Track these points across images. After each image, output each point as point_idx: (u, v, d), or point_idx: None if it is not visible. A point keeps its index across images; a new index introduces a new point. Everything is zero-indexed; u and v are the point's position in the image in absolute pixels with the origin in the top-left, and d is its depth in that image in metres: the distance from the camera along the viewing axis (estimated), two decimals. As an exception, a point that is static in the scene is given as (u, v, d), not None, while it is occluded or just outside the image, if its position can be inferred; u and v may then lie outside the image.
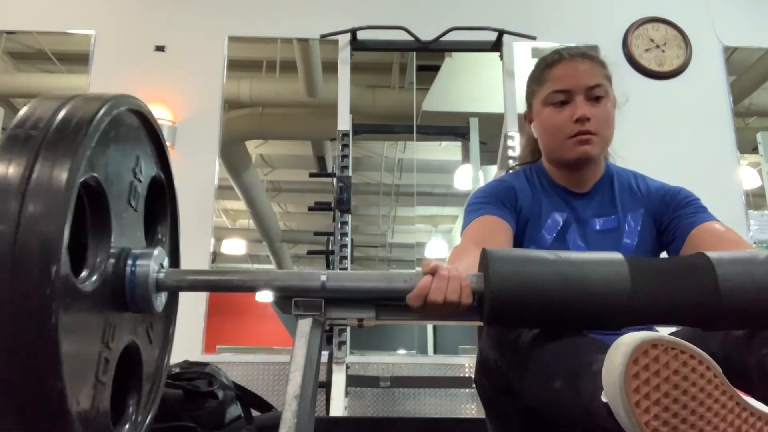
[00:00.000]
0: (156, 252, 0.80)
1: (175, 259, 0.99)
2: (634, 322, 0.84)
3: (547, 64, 1.38)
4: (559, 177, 1.39)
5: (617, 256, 0.83)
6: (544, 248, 1.32)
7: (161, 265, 0.81)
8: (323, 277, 0.79)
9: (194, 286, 0.82)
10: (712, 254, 0.83)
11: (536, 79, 1.39)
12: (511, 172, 1.48)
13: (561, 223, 1.34)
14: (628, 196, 1.38)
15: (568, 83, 1.33)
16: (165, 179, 0.94)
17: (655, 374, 0.72)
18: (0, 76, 4.21)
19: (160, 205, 0.93)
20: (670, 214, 1.34)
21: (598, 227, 1.34)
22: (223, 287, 0.82)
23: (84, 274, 0.71)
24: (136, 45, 3.78)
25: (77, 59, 3.93)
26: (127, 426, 0.84)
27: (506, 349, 1.04)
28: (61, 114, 0.66)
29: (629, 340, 0.73)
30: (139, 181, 0.84)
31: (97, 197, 0.73)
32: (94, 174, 0.70)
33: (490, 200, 1.36)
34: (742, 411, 0.74)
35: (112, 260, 0.75)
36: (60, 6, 3.90)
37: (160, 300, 0.83)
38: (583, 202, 1.37)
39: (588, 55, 1.38)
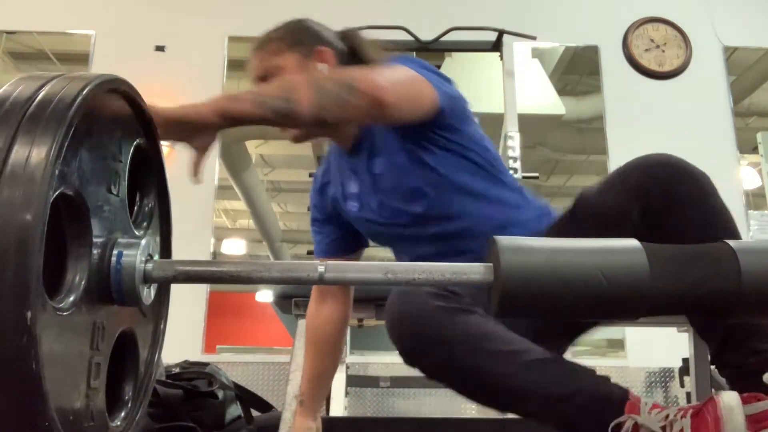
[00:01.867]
0: (144, 242, 0.77)
1: (166, 248, 0.95)
2: (651, 312, 0.83)
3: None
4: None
5: (634, 243, 0.81)
6: (353, 218, 1.36)
7: (150, 256, 0.78)
8: (321, 268, 0.76)
9: (185, 278, 0.76)
10: (734, 242, 0.81)
11: None
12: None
13: (356, 191, 1.32)
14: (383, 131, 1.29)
15: (253, 83, 1.32)
16: (150, 149, 0.88)
17: None
18: (0, 76, 4.21)
19: (146, 181, 0.88)
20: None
21: (376, 171, 1.28)
22: (217, 278, 0.77)
23: (62, 294, 0.67)
24: (136, 45, 3.78)
25: (77, 59, 3.92)
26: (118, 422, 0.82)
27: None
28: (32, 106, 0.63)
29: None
30: (120, 161, 0.79)
31: (74, 207, 0.69)
32: (69, 186, 0.67)
33: (315, 225, 1.43)
34: None
35: (95, 259, 0.71)
36: (60, 6, 3.90)
37: (149, 293, 0.79)
38: (353, 160, 1.31)
39: (258, 45, 1.34)
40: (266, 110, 0.98)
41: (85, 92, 0.67)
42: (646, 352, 3.29)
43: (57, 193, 0.64)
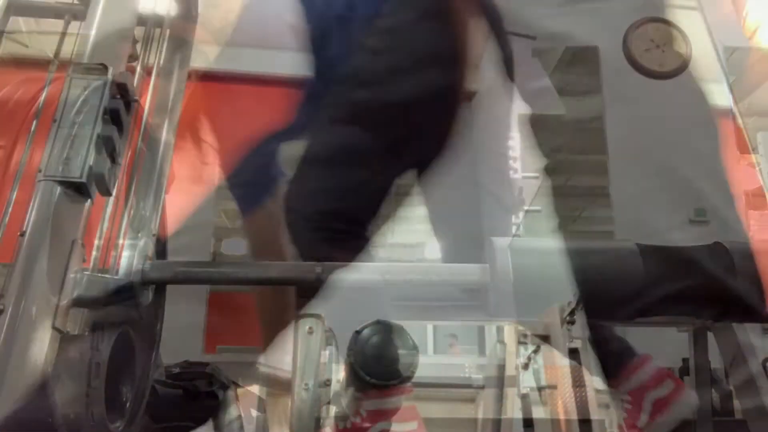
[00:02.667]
0: (142, 243, 0.78)
1: (162, 249, 0.96)
2: (646, 312, 0.84)
3: None
4: None
5: (630, 245, 0.82)
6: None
7: (148, 257, 0.79)
8: (318, 269, 0.77)
9: (183, 279, 0.78)
10: (728, 243, 0.82)
11: None
12: None
13: None
14: None
15: None
16: (147, 150, 0.90)
17: None
18: None
19: (143, 182, 0.90)
20: None
21: None
22: (214, 279, 0.79)
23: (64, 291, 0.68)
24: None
25: (77, 60, 3.92)
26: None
27: None
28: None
29: None
30: (119, 162, 0.81)
31: (75, 206, 0.70)
32: (71, 185, 0.68)
33: None
34: None
35: (95, 259, 0.73)
36: (59, 6, 3.91)
37: (146, 294, 0.80)
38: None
39: None
40: None
41: (86, 93, 0.68)
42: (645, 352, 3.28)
43: (59, 191, 0.65)
